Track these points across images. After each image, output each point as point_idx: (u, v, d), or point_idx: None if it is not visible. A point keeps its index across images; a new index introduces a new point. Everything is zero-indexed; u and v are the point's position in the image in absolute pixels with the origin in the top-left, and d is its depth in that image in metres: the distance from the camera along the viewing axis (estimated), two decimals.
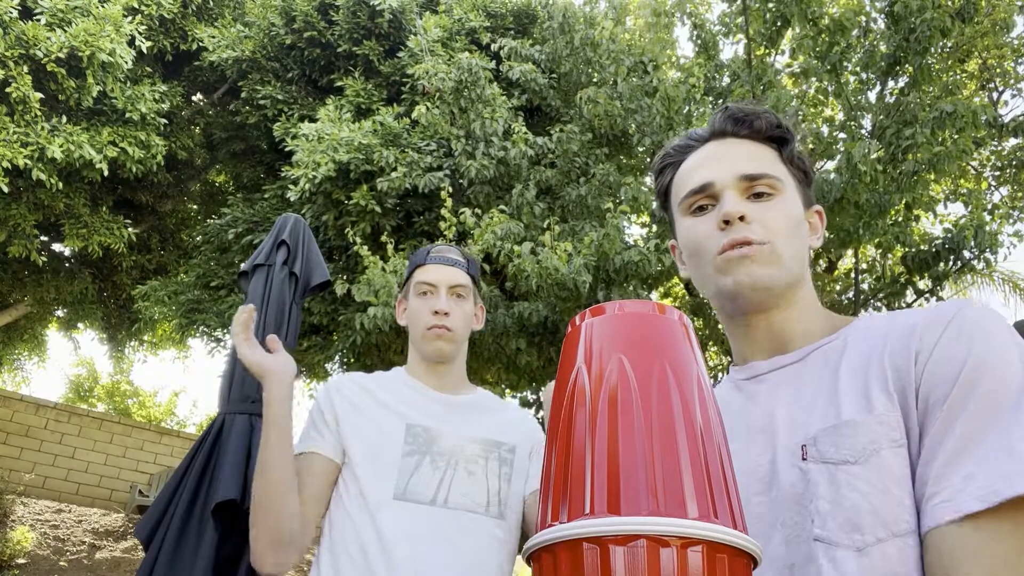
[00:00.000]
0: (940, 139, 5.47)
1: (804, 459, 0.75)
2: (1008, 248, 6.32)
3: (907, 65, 5.89)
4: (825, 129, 6.72)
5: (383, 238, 6.29)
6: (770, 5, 6.02)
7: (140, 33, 8.08)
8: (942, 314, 0.73)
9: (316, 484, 1.45)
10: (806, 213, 0.91)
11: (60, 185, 7.52)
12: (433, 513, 1.40)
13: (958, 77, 7.99)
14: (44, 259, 9.31)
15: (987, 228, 5.39)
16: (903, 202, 5.66)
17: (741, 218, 0.83)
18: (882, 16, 6.15)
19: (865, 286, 6.95)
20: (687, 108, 6.50)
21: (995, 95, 8.89)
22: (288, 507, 1.36)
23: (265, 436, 1.39)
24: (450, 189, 6.39)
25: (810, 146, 6.11)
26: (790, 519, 0.75)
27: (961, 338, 0.69)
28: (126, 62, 7.69)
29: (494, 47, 7.33)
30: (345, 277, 6.42)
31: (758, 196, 0.86)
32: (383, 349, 7.21)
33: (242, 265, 3.06)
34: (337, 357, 8.85)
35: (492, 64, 7.08)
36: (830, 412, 0.75)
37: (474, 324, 1.65)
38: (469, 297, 1.62)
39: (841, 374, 0.78)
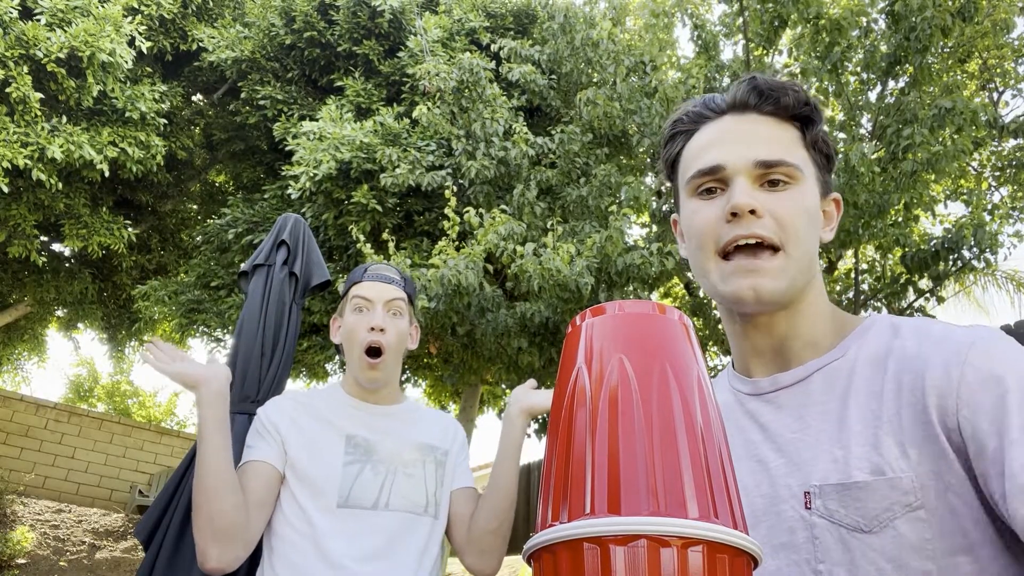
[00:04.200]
0: (940, 138, 5.47)
1: (808, 508, 0.72)
2: (1008, 248, 6.32)
3: (907, 64, 5.90)
4: (825, 129, 6.72)
5: (384, 236, 6.30)
6: (768, 6, 6.02)
7: (140, 33, 8.08)
8: (955, 354, 0.69)
9: (259, 489, 1.45)
10: (822, 202, 0.83)
11: (60, 185, 7.53)
12: (376, 517, 1.45)
13: (958, 77, 7.99)
14: (44, 259, 9.31)
15: (987, 228, 5.39)
16: (902, 202, 5.66)
17: (752, 212, 0.75)
18: (883, 16, 6.15)
19: (865, 286, 6.95)
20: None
21: (995, 95, 8.90)
22: (228, 499, 1.38)
23: (202, 434, 1.43)
24: (454, 188, 6.40)
25: None
26: (778, 562, 0.72)
27: (988, 378, 0.66)
28: (126, 62, 7.69)
29: (494, 47, 7.34)
30: (346, 277, 6.42)
31: (773, 184, 0.77)
32: None
33: (242, 265, 3.06)
34: (337, 357, 8.85)
35: (492, 64, 7.09)
36: (836, 457, 0.71)
37: (408, 343, 1.67)
38: (405, 315, 1.64)
39: (849, 411, 0.73)
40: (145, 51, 8.21)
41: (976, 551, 0.65)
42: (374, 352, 1.57)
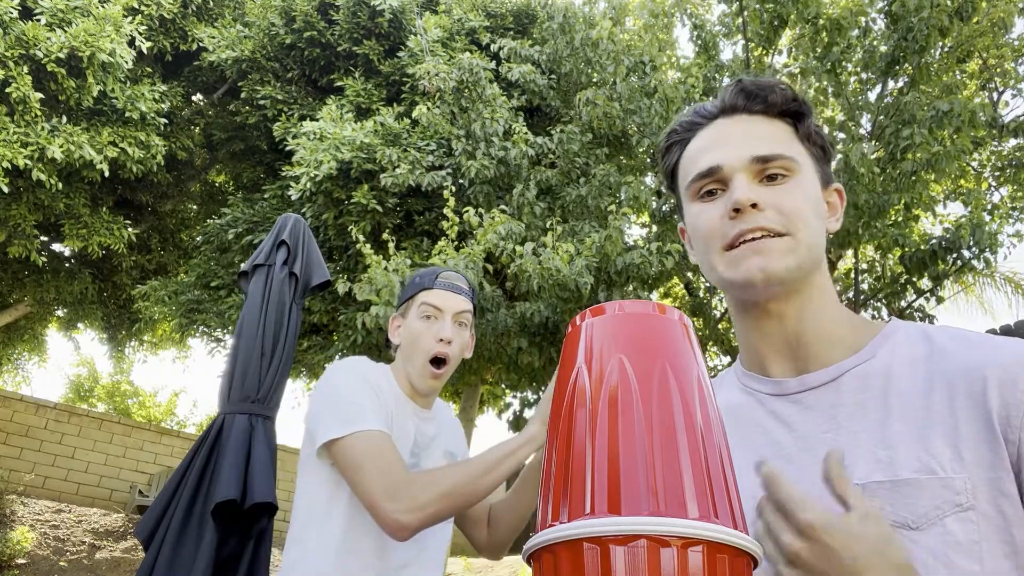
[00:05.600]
0: (939, 139, 5.47)
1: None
2: (1008, 248, 6.33)
3: (906, 64, 5.90)
4: (825, 129, 6.71)
5: (384, 236, 6.30)
6: (767, 6, 6.02)
7: (140, 33, 8.08)
8: (1018, 361, 0.69)
9: None
10: (824, 193, 0.84)
11: (60, 185, 7.53)
12: None
13: (958, 77, 7.98)
14: (44, 259, 9.31)
15: (986, 228, 5.38)
16: (902, 202, 5.65)
17: (754, 205, 0.76)
18: (882, 16, 6.16)
19: (865, 286, 6.95)
20: (686, 109, 6.51)
21: (995, 95, 8.89)
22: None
23: (527, 450, 1.43)
24: (453, 188, 6.39)
25: None
26: None
27: None
28: (126, 62, 7.69)
29: (494, 47, 7.34)
30: (346, 276, 6.42)
31: (772, 179, 0.78)
32: (384, 349, 7.22)
33: (242, 265, 3.06)
34: (337, 357, 8.85)
35: (492, 64, 7.09)
36: (880, 457, 0.71)
37: (466, 352, 1.69)
38: (468, 326, 1.66)
39: (891, 411, 0.73)
40: (145, 51, 8.22)
41: (1020, 558, 0.66)
42: (439, 362, 1.58)
